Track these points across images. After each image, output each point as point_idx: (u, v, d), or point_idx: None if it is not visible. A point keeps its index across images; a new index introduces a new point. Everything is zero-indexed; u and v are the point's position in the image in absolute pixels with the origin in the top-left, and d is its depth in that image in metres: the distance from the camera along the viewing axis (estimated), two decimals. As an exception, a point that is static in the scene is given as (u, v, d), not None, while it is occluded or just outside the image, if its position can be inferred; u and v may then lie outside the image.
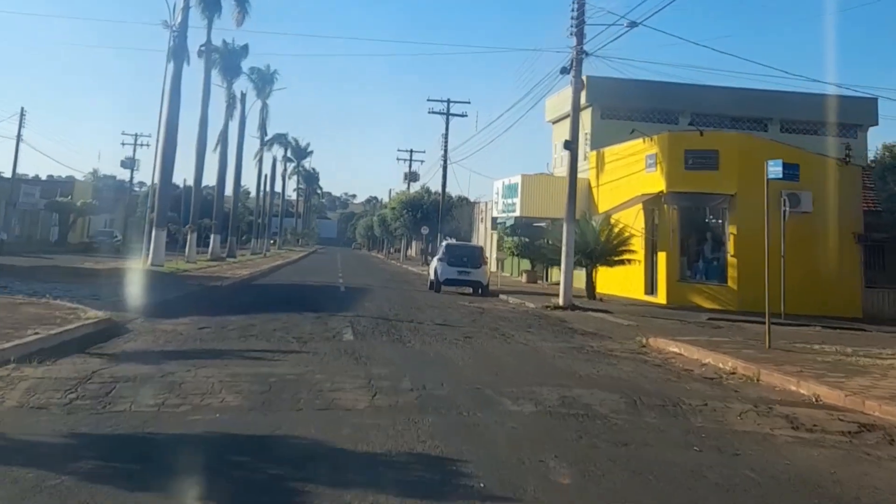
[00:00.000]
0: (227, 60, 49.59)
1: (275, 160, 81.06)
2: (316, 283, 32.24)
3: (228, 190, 58.78)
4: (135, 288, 21.99)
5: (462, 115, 54.47)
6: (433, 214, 63.57)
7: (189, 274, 31.01)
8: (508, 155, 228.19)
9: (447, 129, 53.85)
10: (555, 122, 43.37)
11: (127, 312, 15.70)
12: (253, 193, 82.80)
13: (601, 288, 28.61)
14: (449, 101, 53.73)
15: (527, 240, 40.90)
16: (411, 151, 77.57)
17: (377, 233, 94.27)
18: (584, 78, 28.43)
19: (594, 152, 35.62)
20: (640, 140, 30.82)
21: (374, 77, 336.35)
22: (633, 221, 29.76)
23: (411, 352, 12.10)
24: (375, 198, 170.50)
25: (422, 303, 23.53)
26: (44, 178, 78.18)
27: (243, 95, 55.82)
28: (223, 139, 49.59)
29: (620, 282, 30.44)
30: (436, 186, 72.78)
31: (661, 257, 28.97)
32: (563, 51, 26.04)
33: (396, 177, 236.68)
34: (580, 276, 35.69)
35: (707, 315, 23.85)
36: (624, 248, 28.23)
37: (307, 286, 29.95)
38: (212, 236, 49.44)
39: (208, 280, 27.86)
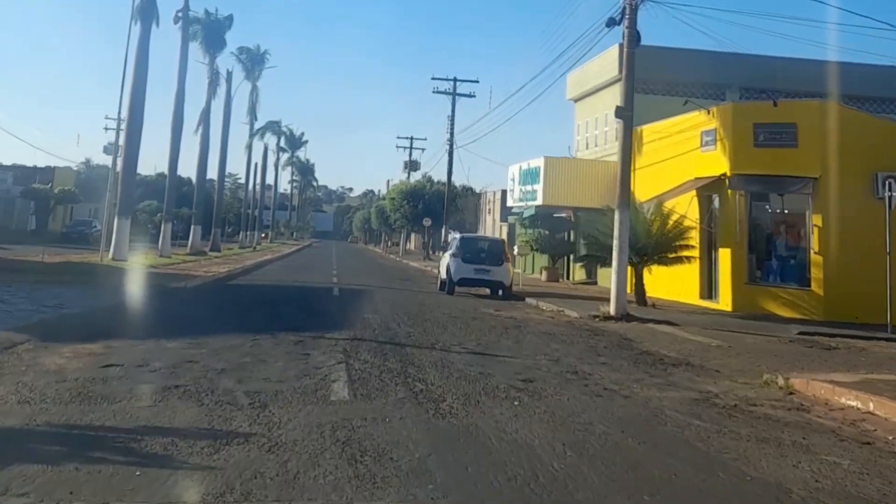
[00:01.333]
0: (210, 32, 44.14)
1: (266, 148, 75.55)
2: (305, 283, 26.96)
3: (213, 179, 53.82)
4: (66, 290, 17.03)
5: (470, 96, 49.23)
6: (436, 205, 58.59)
7: (154, 271, 25.77)
8: (519, 141, 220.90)
9: (453, 109, 48.63)
10: (578, 99, 38.28)
11: (15, 331, 10.61)
12: (243, 181, 77.20)
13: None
14: (455, 80, 48.45)
15: (546, 232, 35.83)
16: (412, 139, 72.35)
17: (374, 225, 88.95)
18: (619, 46, 23.97)
19: (629, 131, 30.32)
20: (695, 113, 25.61)
21: (372, 65, 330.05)
22: (684, 211, 24.57)
23: (455, 434, 6.60)
24: (372, 191, 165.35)
25: (437, 311, 18.34)
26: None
27: (229, 74, 50.42)
28: (205, 119, 44.18)
29: (668, 283, 25.22)
30: (438, 176, 67.82)
31: (724, 254, 23.78)
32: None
33: (394, 170, 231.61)
34: (607, 274, 30.51)
35: (795, 328, 18.77)
36: (681, 242, 23.07)
37: (293, 288, 24.69)
38: (192, 227, 44.06)
39: (173, 279, 22.63)
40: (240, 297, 21.13)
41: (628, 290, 21.26)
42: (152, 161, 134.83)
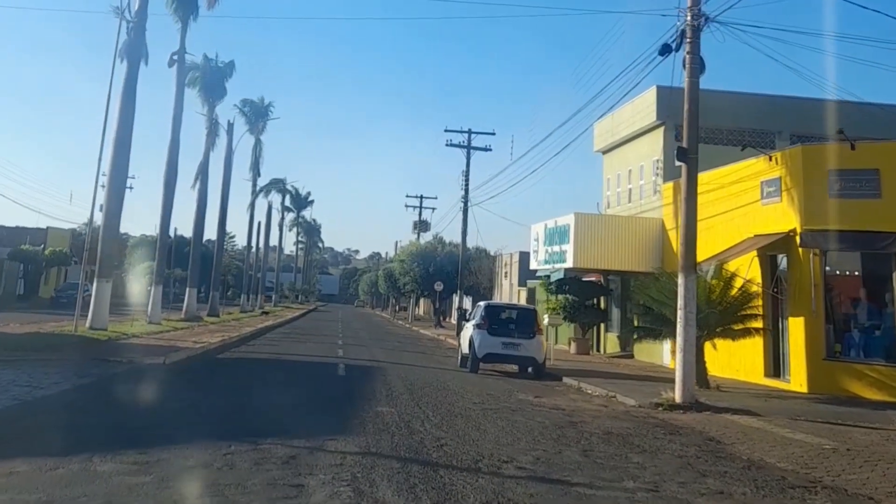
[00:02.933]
0: (210, 79, 41.41)
1: (270, 206, 72.56)
2: (306, 357, 23.42)
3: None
4: (9, 372, 13.75)
5: (486, 149, 45.99)
6: (447, 268, 55.40)
7: (134, 342, 22.38)
8: (537, 199, 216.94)
9: (468, 163, 45.36)
10: (606, 151, 35.18)
11: None
12: (244, 242, 73.83)
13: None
14: (470, 132, 45.44)
15: (575, 298, 32.39)
16: (421, 197, 69.40)
17: (382, 289, 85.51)
18: (656, 88, 21.01)
19: (670, 183, 27.14)
20: (752, 160, 22.44)
21: (381, 123, 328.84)
22: (744, 274, 21.18)
23: None
24: (379, 254, 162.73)
25: (466, 399, 14.86)
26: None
27: (230, 125, 47.63)
28: (203, 173, 41.19)
29: (724, 358, 21.65)
30: (450, 237, 64.68)
31: (795, 324, 20.28)
32: (668, 12, 17.66)
33: (402, 231, 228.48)
34: (650, 349, 27.11)
35: (895, 414, 15.39)
36: (747, 311, 19.64)
37: (292, 364, 21.24)
38: (186, 290, 40.71)
39: (151, 353, 19.17)
40: (226, 377, 17.59)
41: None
42: (154, 220, 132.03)
